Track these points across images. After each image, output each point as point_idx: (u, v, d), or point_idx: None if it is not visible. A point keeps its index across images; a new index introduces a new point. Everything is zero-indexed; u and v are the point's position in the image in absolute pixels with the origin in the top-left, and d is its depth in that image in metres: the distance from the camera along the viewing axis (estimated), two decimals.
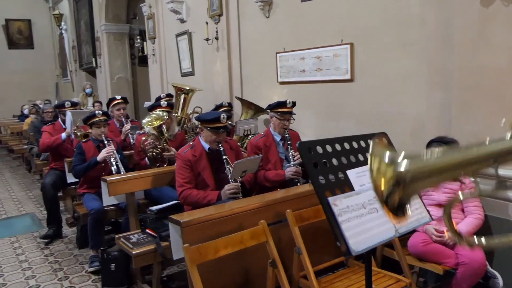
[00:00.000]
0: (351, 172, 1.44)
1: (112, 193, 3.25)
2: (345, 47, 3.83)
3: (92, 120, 3.91)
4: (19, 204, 6.09)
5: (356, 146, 1.54)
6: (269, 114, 3.76)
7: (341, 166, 1.42)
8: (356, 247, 1.26)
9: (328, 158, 1.40)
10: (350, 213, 1.32)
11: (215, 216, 2.25)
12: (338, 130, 4.02)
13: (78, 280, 3.55)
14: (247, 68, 5.19)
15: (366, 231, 1.33)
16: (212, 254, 2.02)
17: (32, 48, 13.66)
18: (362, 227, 1.33)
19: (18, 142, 9.34)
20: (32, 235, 4.69)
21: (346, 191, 1.38)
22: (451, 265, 2.56)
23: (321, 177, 1.34)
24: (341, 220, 1.29)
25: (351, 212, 1.33)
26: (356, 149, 1.54)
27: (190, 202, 3.18)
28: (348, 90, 3.89)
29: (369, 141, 1.61)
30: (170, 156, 4.01)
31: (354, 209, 1.34)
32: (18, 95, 12.81)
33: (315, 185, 1.30)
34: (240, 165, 3.04)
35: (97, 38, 9.98)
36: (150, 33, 7.30)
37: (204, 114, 3.35)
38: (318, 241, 2.60)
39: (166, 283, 3.44)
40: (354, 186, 1.42)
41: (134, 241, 3.05)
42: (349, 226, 1.29)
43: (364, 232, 1.32)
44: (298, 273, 2.40)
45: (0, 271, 3.77)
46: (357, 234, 1.29)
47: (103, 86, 10.16)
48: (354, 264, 2.62)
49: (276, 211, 2.50)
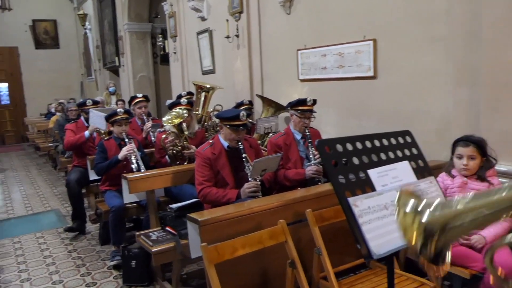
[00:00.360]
0: (373, 171, 1.39)
1: (132, 191, 3.27)
2: (368, 43, 3.75)
3: (114, 118, 3.95)
4: (45, 201, 6.22)
5: (378, 145, 1.48)
6: (289, 112, 3.71)
7: (362, 165, 1.37)
8: (377, 250, 1.21)
9: (348, 156, 1.35)
10: (372, 215, 1.27)
11: (233, 215, 2.23)
12: (360, 128, 3.94)
13: (100, 276, 3.59)
14: (267, 66, 5.15)
15: (388, 233, 1.28)
16: (230, 253, 1.99)
17: (58, 48, 13.95)
18: (384, 229, 1.27)
19: (44, 140, 9.56)
20: (57, 231, 4.79)
21: (367, 191, 1.33)
22: (479, 269, 2.46)
23: (340, 177, 1.30)
24: (362, 222, 1.24)
25: (372, 213, 1.28)
26: (378, 147, 1.48)
27: (209, 201, 3.16)
28: (371, 87, 3.81)
29: (392, 139, 1.55)
30: (190, 154, 4.02)
31: (376, 210, 1.29)
32: (45, 94, 13.12)
33: (335, 185, 1.25)
34: (259, 163, 3.01)
35: (120, 37, 10.11)
36: (172, 32, 7.34)
37: (223, 112, 3.34)
38: (339, 241, 2.54)
39: (186, 281, 3.44)
40: (375, 186, 1.36)
41: (154, 238, 3.06)
42: (370, 228, 1.24)
43: (386, 235, 1.27)
44: (318, 274, 2.35)
45: (26, 265, 3.86)
46: (378, 237, 1.24)
47: (126, 84, 10.28)
48: (376, 266, 2.56)
49: (296, 210, 2.46)
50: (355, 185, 1.31)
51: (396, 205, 0.74)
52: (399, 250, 2.80)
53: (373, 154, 1.44)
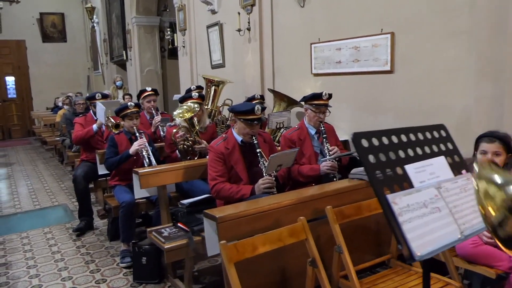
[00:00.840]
0: (410, 167, 1.30)
1: (143, 186, 3.19)
2: (385, 36, 3.64)
3: (124, 112, 3.87)
4: (52, 195, 6.17)
5: (414, 139, 1.39)
6: (304, 107, 3.62)
7: (399, 160, 1.28)
8: (419, 251, 1.12)
9: (384, 151, 1.26)
10: (411, 213, 1.18)
11: (251, 212, 2.15)
12: (376, 124, 3.85)
13: (110, 273, 3.52)
14: (279, 60, 5.05)
15: (429, 233, 1.19)
16: (249, 251, 1.91)
17: (65, 42, 13.90)
18: (424, 229, 1.18)
19: (51, 134, 9.51)
20: (65, 226, 4.73)
21: (405, 188, 1.24)
22: (505, 268, 2.37)
23: (378, 172, 1.21)
24: (402, 221, 1.15)
25: (412, 211, 1.19)
26: (414, 142, 1.39)
27: (223, 197, 3.09)
28: (388, 82, 3.70)
29: (427, 133, 1.46)
30: (201, 148, 3.94)
31: (415, 208, 1.20)
32: (52, 88, 13.09)
33: (373, 181, 1.17)
34: (275, 159, 2.92)
35: (128, 31, 10.03)
36: (181, 25, 7.25)
37: (237, 106, 3.25)
38: (358, 239, 2.46)
39: (198, 278, 3.37)
40: (413, 183, 1.27)
41: (166, 235, 2.98)
42: (410, 227, 1.15)
43: (427, 235, 1.18)
44: (338, 273, 2.27)
45: (34, 261, 3.80)
46: (419, 237, 1.15)
47: (133, 78, 10.21)
48: (397, 265, 2.47)
49: (314, 207, 2.38)
50: (393, 181, 1.22)
51: (476, 176, 0.67)
52: None
53: (409, 148, 1.35)
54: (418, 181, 1.29)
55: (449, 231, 1.25)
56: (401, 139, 1.35)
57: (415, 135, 1.41)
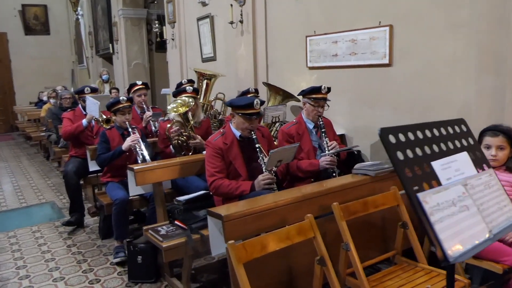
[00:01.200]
0: (436, 163, 1.24)
1: (139, 183, 3.09)
2: (384, 29, 3.59)
3: (116, 107, 3.75)
4: (39, 192, 6.00)
5: (438, 134, 1.34)
6: (302, 100, 3.56)
7: (425, 156, 1.22)
8: (453, 252, 1.06)
9: (411, 147, 1.20)
10: (442, 212, 1.13)
11: (257, 210, 2.07)
12: (374, 118, 3.81)
13: (103, 273, 3.42)
14: (273, 53, 4.96)
15: (459, 233, 1.13)
16: (258, 251, 1.84)
17: (48, 34, 13.54)
18: (454, 229, 1.13)
19: (36, 129, 9.27)
20: (54, 224, 4.59)
21: (434, 186, 1.18)
22: (511, 263, 2.35)
23: (406, 169, 1.15)
24: (434, 221, 1.09)
25: (442, 210, 1.13)
26: (437, 137, 1.33)
27: (221, 193, 3.01)
28: (386, 75, 3.65)
29: (449, 128, 1.40)
30: (196, 144, 3.85)
31: (445, 207, 1.15)
32: (35, 82, 12.76)
33: (403, 179, 1.10)
34: (275, 154, 2.85)
35: (114, 23, 9.81)
36: (170, 17, 7.10)
37: (236, 100, 3.16)
38: (363, 236, 2.41)
39: (195, 277, 3.29)
40: (440, 180, 1.22)
41: (163, 233, 2.90)
42: (442, 227, 1.10)
43: (457, 235, 1.12)
44: (344, 271, 2.22)
45: (23, 261, 3.67)
46: (451, 237, 1.10)
47: (120, 72, 10.00)
48: (402, 261, 2.43)
49: (320, 204, 2.32)
50: (421, 178, 1.16)
51: None
52: (423, 243, 2.70)
53: (434, 144, 1.29)
54: (445, 178, 1.24)
55: (478, 230, 1.20)
56: (425, 134, 1.29)
57: (438, 130, 1.35)
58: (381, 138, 1.13)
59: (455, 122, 1.46)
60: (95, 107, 4.31)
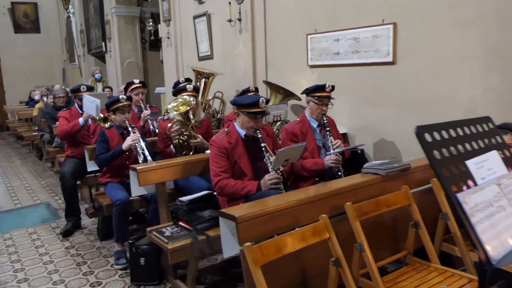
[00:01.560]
0: (471, 162, 1.20)
1: (142, 183, 3.02)
2: (387, 27, 3.56)
3: (116, 106, 3.67)
4: (33, 193, 5.89)
5: (469, 132, 1.30)
6: (306, 99, 3.51)
7: (459, 155, 1.18)
8: (495, 255, 1.02)
9: (445, 146, 1.16)
10: (481, 213, 1.09)
11: (270, 210, 2.02)
12: (377, 117, 3.78)
13: (104, 275, 3.34)
14: (272, 51, 4.91)
15: (498, 235, 1.10)
16: (273, 253, 1.79)
17: (38, 32, 13.34)
18: (494, 230, 1.09)
19: (28, 129, 9.11)
20: (50, 226, 4.50)
21: (470, 186, 1.14)
22: None
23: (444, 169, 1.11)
24: (475, 222, 1.05)
25: (481, 211, 1.09)
26: (467, 135, 1.30)
27: (227, 193, 2.95)
28: (389, 73, 3.62)
29: (478, 126, 1.37)
30: (197, 143, 3.79)
31: (483, 208, 1.11)
32: (25, 81, 12.57)
33: (442, 180, 1.06)
34: (283, 153, 2.80)
35: (107, 21, 9.68)
36: (165, 15, 7.01)
37: (241, 98, 3.11)
38: (375, 236, 2.37)
39: (199, 278, 3.23)
40: (476, 180, 1.18)
41: (168, 235, 2.83)
42: (483, 228, 1.06)
43: (496, 237, 1.09)
44: (358, 272, 2.18)
45: (21, 264, 3.58)
46: (491, 239, 1.06)
47: (113, 71, 9.88)
48: (414, 262, 2.40)
49: (332, 204, 2.27)
50: (458, 178, 1.12)
51: None
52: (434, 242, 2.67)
53: (465, 142, 1.26)
54: (479, 177, 1.20)
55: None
56: (457, 132, 1.26)
57: (469, 128, 1.31)
58: (418, 137, 1.08)
59: (482, 120, 1.42)
60: (92, 106, 4.22)
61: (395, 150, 3.65)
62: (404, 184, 2.43)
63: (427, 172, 2.70)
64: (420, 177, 2.69)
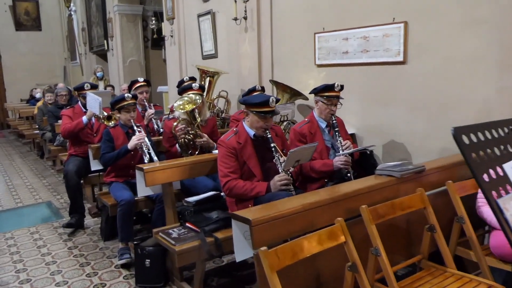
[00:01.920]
0: (507, 165, 1.14)
1: (149, 183, 2.95)
2: (398, 26, 3.49)
3: (121, 104, 3.60)
4: (34, 192, 5.82)
5: (503, 134, 1.24)
6: (314, 99, 3.45)
7: (496, 158, 1.12)
8: None
9: (483, 148, 1.10)
10: None
11: (285, 213, 1.95)
12: (386, 117, 3.71)
13: (108, 276, 3.28)
14: (279, 50, 4.84)
15: None
16: (289, 258, 1.73)
17: (40, 30, 13.26)
18: None
19: (29, 127, 9.04)
20: (52, 225, 4.43)
21: (509, 191, 1.08)
22: None
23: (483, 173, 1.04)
24: None
25: None
26: (502, 137, 1.23)
27: (236, 194, 2.89)
28: (400, 73, 3.56)
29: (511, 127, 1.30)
30: (203, 142, 3.72)
31: None
32: (26, 79, 12.49)
33: (482, 184, 1.00)
34: (294, 154, 2.74)
35: (109, 19, 9.61)
36: (169, 14, 6.94)
37: (251, 97, 3.04)
38: (389, 240, 2.30)
39: (205, 281, 3.16)
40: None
41: (175, 236, 2.77)
42: None
43: None
44: (373, 277, 2.11)
45: (23, 264, 3.51)
46: None
47: (115, 69, 9.81)
48: (430, 266, 2.34)
49: (346, 207, 2.21)
50: (497, 183, 1.06)
51: None
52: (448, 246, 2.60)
53: (501, 145, 1.19)
54: None
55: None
56: (493, 134, 1.19)
57: (503, 130, 1.25)
58: (455, 139, 1.02)
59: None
60: (95, 104, 4.15)
61: (405, 151, 3.59)
62: (419, 187, 2.37)
63: (441, 174, 2.64)
64: (434, 179, 2.63)
